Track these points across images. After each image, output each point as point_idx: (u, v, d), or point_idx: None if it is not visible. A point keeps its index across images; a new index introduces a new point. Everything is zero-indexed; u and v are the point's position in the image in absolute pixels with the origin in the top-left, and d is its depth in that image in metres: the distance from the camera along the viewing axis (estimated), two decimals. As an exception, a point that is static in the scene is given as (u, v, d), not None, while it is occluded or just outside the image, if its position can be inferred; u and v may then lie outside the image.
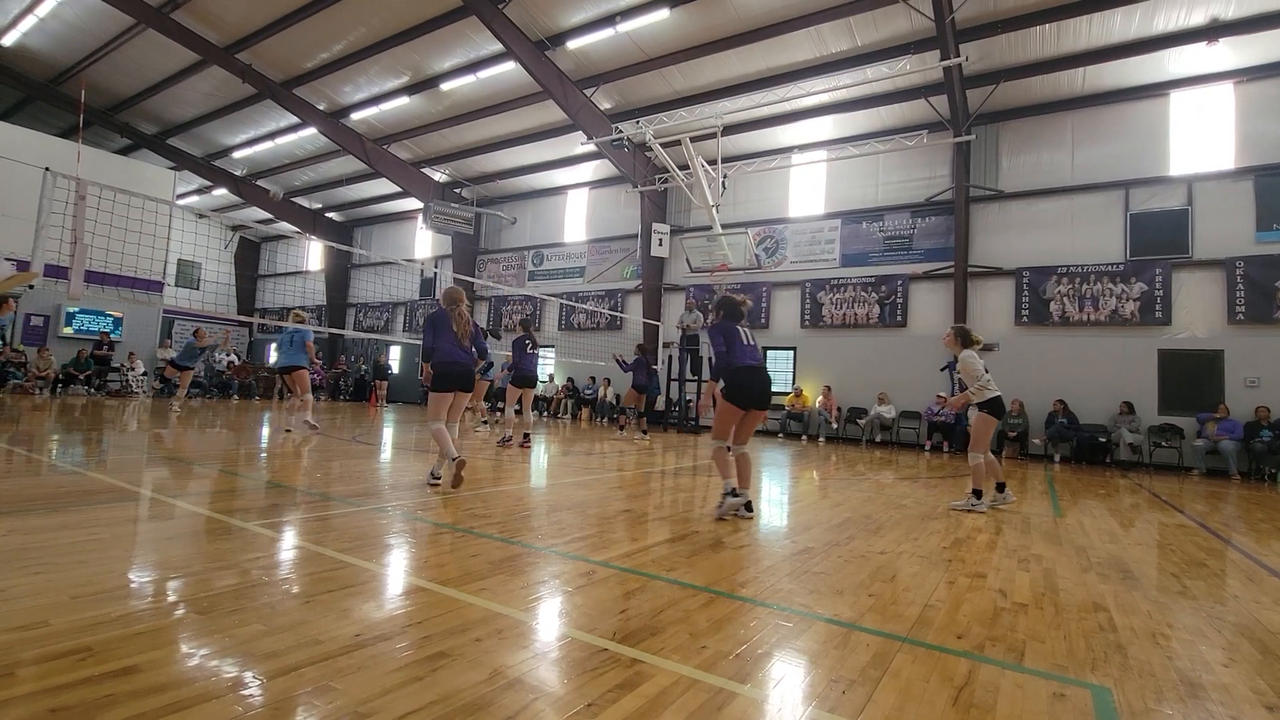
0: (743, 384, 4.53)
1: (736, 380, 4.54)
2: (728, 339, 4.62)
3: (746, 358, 4.62)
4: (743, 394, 4.52)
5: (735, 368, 4.56)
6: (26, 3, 13.79)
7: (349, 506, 4.18)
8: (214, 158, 20.68)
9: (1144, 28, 10.63)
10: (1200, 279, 11.21)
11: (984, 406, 5.47)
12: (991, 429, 5.54)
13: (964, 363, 5.52)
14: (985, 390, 5.42)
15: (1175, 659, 2.34)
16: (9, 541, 2.91)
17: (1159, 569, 3.81)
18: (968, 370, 5.50)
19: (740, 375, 4.54)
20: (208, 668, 1.81)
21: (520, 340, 8.69)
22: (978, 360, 5.48)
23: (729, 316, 4.82)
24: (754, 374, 4.58)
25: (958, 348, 5.62)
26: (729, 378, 4.56)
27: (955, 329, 5.69)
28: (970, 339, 5.63)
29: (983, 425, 5.50)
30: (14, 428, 7.70)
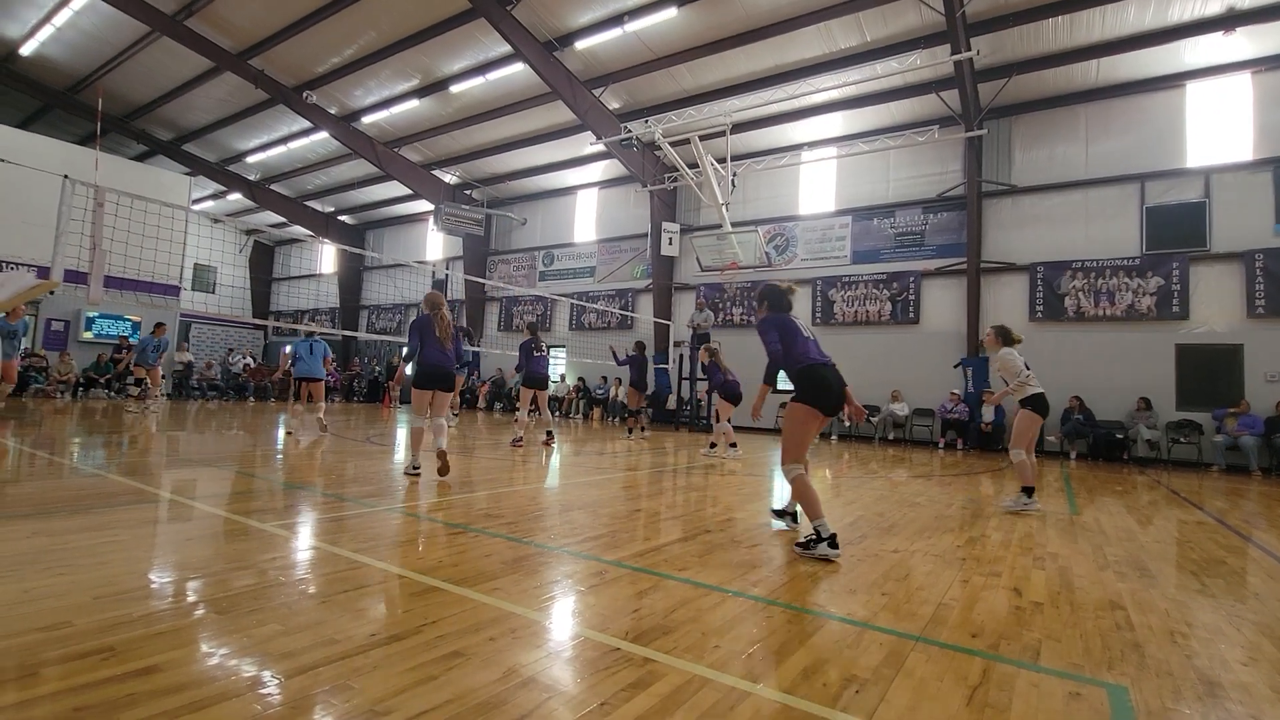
0: (819, 383, 3.73)
1: (811, 380, 3.75)
2: (784, 334, 3.91)
3: (814, 353, 3.86)
4: (825, 395, 3.72)
5: (805, 366, 3.78)
6: (44, 13, 14.03)
7: (363, 507, 4.22)
8: (228, 163, 20.92)
9: (1159, 18, 10.47)
10: (1218, 272, 11.03)
11: (1027, 403, 5.41)
12: (1035, 427, 5.49)
13: (1002, 360, 5.51)
14: (1026, 386, 5.37)
15: (1194, 658, 2.31)
16: (33, 543, 2.97)
17: (1177, 567, 3.76)
18: (1006, 367, 5.48)
19: (815, 373, 3.76)
20: (227, 667, 1.84)
21: (527, 344, 8.74)
22: (1017, 357, 5.46)
23: (775, 307, 4.13)
24: (830, 370, 3.81)
25: (998, 346, 5.60)
26: (802, 379, 3.78)
27: (996, 329, 5.65)
28: (1011, 338, 5.58)
29: (1025, 422, 5.45)
30: (36, 431, 7.84)
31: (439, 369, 5.55)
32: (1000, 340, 5.60)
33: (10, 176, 13.86)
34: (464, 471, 6.21)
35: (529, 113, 15.64)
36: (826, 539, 3.48)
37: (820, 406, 3.73)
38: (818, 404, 3.72)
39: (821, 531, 3.52)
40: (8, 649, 1.86)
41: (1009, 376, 5.47)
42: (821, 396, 3.72)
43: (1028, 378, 5.38)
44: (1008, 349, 5.53)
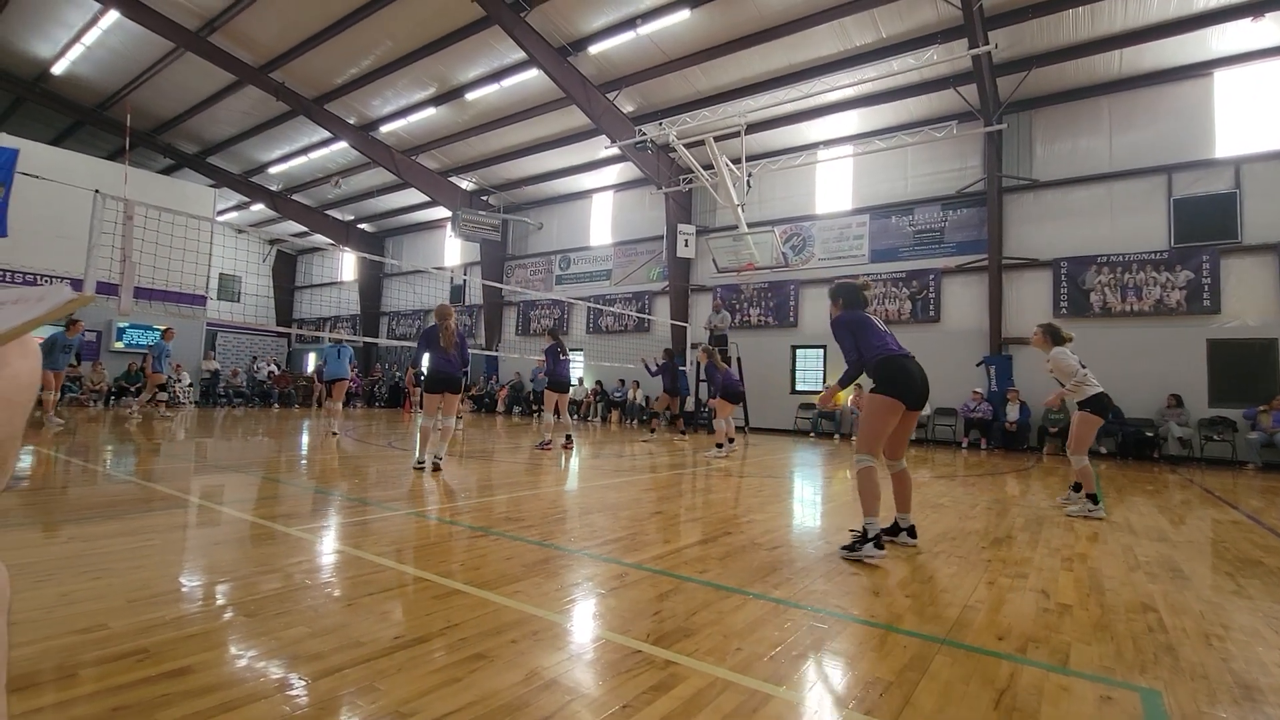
0: (899, 373, 3.58)
1: (890, 370, 3.59)
2: (858, 331, 3.71)
3: (892, 345, 3.71)
4: (907, 386, 3.57)
5: (885, 356, 3.62)
6: (74, 32, 14.45)
7: (387, 511, 4.27)
8: (251, 174, 21.35)
9: (1183, 6, 10.23)
10: (1250, 265, 10.74)
11: (1086, 405, 5.19)
12: (1095, 429, 5.25)
13: (1055, 360, 5.29)
14: (1084, 387, 5.14)
15: (1230, 661, 2.25)
16: (70, 548, 3.06)
17: (1212, 568, 3.66)
18: (1061, 367, 5.25)
19: (894, 363, 3.60)
20: (256, 669, 1.87)
21: (553, 348, 8.89)
22: (1070, 356, 5.24)
23: (851, 304, 3.93)
24: (911, 362, 3.66)
25: (1048, 346, 5.36)
26: (881, 369, 3.62)
27: (1044, 328, 5.41)
28: (1061, 336, 5.35)
29: (1086, 425, 5.23)
30: (71, 439, 8.06)
31: (444, 373, 6.16)
32: (1050, 339, 5.36)
33: (44, 192, 14.29)
34: (485, 475, 6.27)
35: (544, 118, 15.75)
36: (873, 539, 3.36)
37: (902, 397, 3.56)
38: (898, 394, 3.55)
39: (869, 531, 3.38)
40: (47, 651, 1.92)
41: (1064, 376, 5.24)
42: (902, 387, 3.56)
43: (1085, 376, 5.14)
44: (1059, 348, 5.30)
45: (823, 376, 14.82)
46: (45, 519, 3.70)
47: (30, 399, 0.88)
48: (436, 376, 6.17)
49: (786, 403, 15.06)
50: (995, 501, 5.77)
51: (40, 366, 0.89)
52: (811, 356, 15.17)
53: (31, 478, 5.09)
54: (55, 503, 4.18)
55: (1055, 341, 5.34)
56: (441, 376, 6.17)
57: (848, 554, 3.41)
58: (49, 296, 0.75)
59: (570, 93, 13.53)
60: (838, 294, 4.03)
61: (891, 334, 3.85)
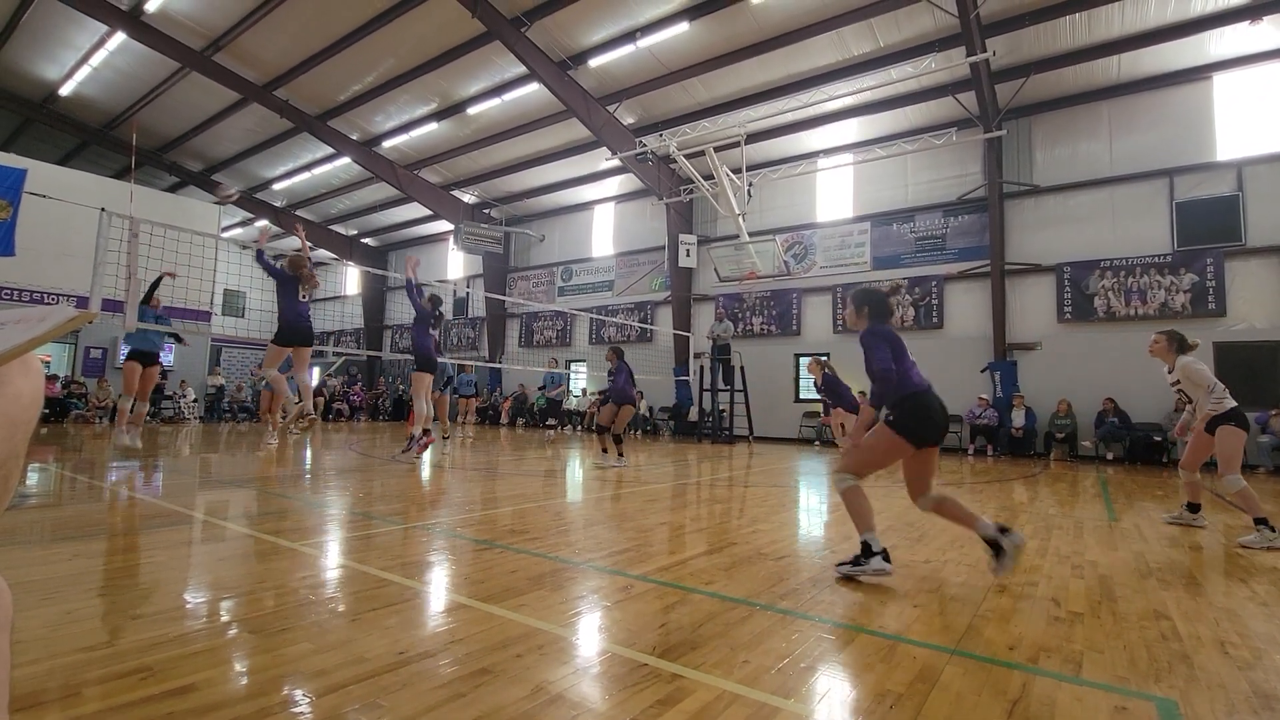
0: (923, 413, 3.22)
1: (916, 410, 3.23)
2: (895, 350, 3.32)
3: (917, 378, 3.33)
4: (926, 426, 3.22)
5: (910, 394, 3.24)
6: (81, 54, 14.66)
7: (390, 525, 4.26)
8: (255, 190, 21.54)
9: (1181, 10, 10.28)
10: (1256, 267, 10.71)
11: (1228, 419, 4.54)
12: (1242, 444, 4.59)
13: (1187, 371, 4.61)
14: (1224, 400, 4.55)
15: (1247, 669, 2.21)
16: (75, 565, 3.06)
17: (1225, 574, 3.61)
18: (1195, 380, 4.58)
19: (920, 401, 3.24)
20: (260, 686, 1.86)
21: (424, 314, 8.06)
22: (1204, 367, 4.63)
23: (878, 316, 3.50)
24: (934, 398, 3.30)
25: (1172, 357, 4.72)
26: (904, 406, 3.23)
27: (1167, 334, 4.75)
28: (1187, 344, 4.70)
29: (1234, 440, 4.54)
30: (76, 456, 8.08)
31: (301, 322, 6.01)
32: (1175, 348, 4.71)
33: (51, 212, 14.41)
34: (489, 488, 6.25)
35: (545, 131, 15.87)
36: (879, 553, 3.14)
37: (917, 442, 3.19)
38: (914, 438, 3.18)
39: (873, 545, 3.16)
40: (52, 669, 1.91)
41: (1197, 390, 4.58)
42: (923, 430, 3.20)
43: (1223, 390, 4.56)
44: (1188, 358, 4.66)
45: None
46: (50, 536, 3.70)
47: (33, 418, 0.88)
48: (292, 327, 6.10)
49: (790, 411, 15.02)
50: (1003, 508, 5.73)
51: (43, 385, 0.89)
52: (815, 364, 15.13)
53: (36, 495, 5.10)
54: (60, 520, 4.18)
55: (1181, 349, 4.73)
56: (298, 327, 6.02)
57: (850, 570, 3.17)
58: (50, 316, 0.75)
59: (571, 106, 13.64)
60: (864, 302, 3.52)
61: (913, 360, 3.43)
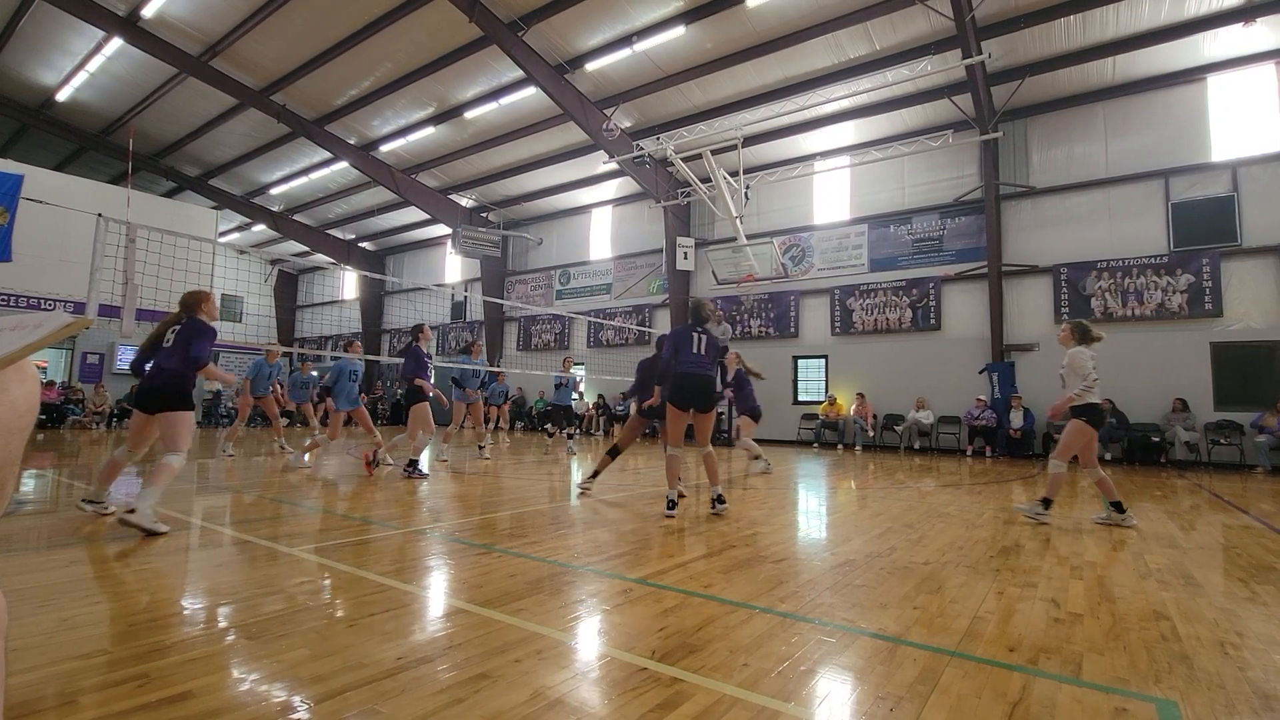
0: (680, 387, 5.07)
1: (673, 384, 5.11)
2: (678, 343, 5.17)
3: (685, 363, 5.11)
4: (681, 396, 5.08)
5: (677, 373, 5.08)
6: (78, 60, 14.65)
7: (389, 529, 4.25)
8: (252, 195, 21.52)
9: (1175, 12, 10.33)
10: (1252, 267, 10.74)
11: (1081, 413, 4.96)
12: (1084, 439, 5.02)
13: (1072, 359, 5.02)
14: (1088, 394, 4.92)
15: (1247, 670, 2.21)
16: (71, 572, 3.04)
17: (1224, 574, 3.62)
18: (1076, 367, 4.98)
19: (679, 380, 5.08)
20: (258, 692, 1.85)
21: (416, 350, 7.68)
22: (1088, 359, 4.98)
23: (694, 320, 5.34)
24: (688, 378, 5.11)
25: (1073, 343, 5.11)
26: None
27: (1074, 324, 5.18)
28: (1090, 335, 5.09)
29: (1077, 434, 5.00)
30: (74, 462, 8.05)
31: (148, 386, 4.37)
32: (1076, 337, 5.11)
33: (47, 217, 14.39)
34: (488, 491, 6.23)
35: (542, 135, 15.88)
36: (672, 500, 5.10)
37: (681, 406, 5.19)
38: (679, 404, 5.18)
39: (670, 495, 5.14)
40: (48, 677, 1.90)
41: (1073, 378, 4.99)
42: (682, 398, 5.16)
43: (1093, 384, 4.92)
44: (1081, 348, 5.04)
45: (824, 386, 14.78)
46: (46, 543, 3.68)
47: (28, 425, 0.87)
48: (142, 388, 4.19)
49: (789, 414, 15.02)
50: (1002, 510, 5.73)
51: (38, 392, 0.89)
52: (813, 367, 15.15)
53: (32, 501, 5.08)
54: (57, 527, 4.17)
55: (1082, 340, 5.11)
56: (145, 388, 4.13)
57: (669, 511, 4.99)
58: (47, 322, 0.75)
59: (568, 109, 13.66)
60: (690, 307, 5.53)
61: (700, 352, 5.29)
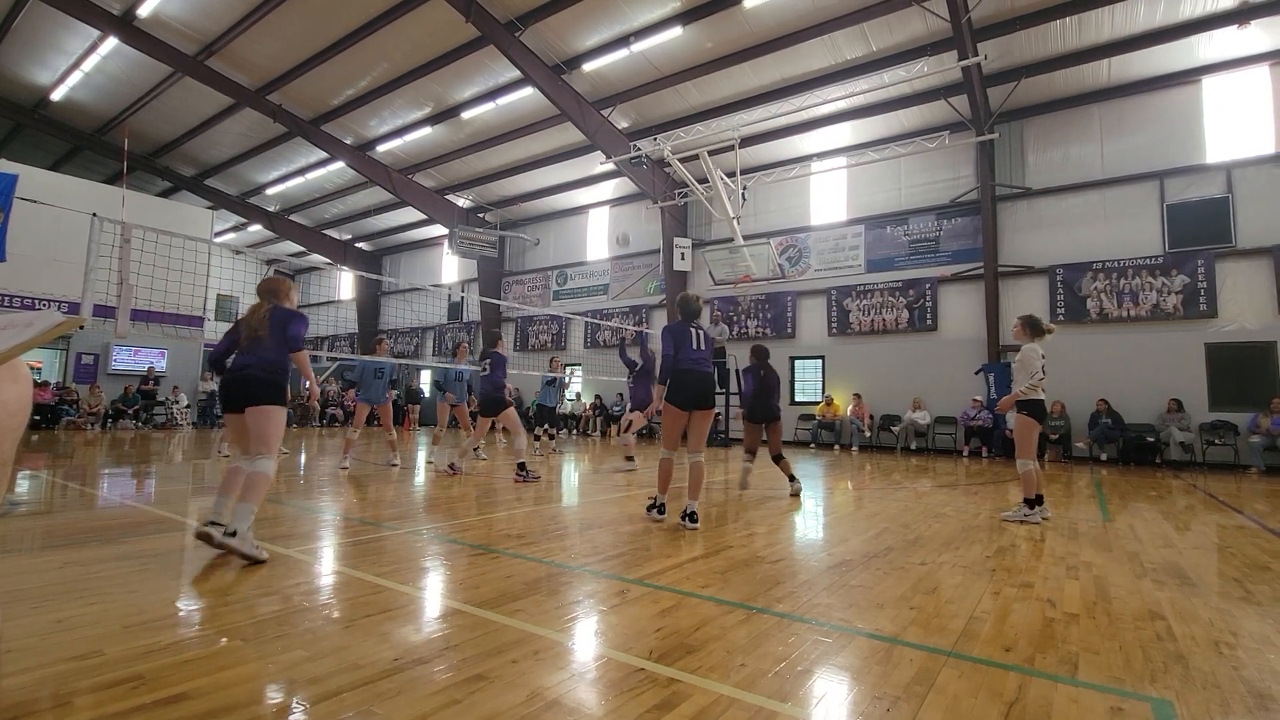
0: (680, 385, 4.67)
1: (672, 381, 4.71)
2: (677, 339, 4.77)
3: (686, 360, 4.76)
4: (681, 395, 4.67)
5: (674, 370, 4.72)
6: (73, 59, 14.59)
7: (385, 530, 4.24)
8: (248, 195, 21.46)
9: (1169, 15, 10.37)
10: (1246, 268, 10.79)
11: (1024, 408, 5.08)
12: (1035, 433, 5.12)
13: (1024, 356, 5.10)
14: (1033, 391, 5.05)
15: (1241, 669, 2.22)
16: (66, 573, 3.03)
17: (1219, 574, 3.63)
18: (1026, 364, 5.07)
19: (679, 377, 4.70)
20: (253, 694, 1.84)
21: (500, 358, 7.45)
22: (1038, 357, 5.07)
23: (686, 316, 4.97)
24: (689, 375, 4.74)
25: (1026, 337, 5.19)
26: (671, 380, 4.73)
27: (1024, 319, 5.24)
28: (1041, 329, 5.17)
29: (1025, 430, 5.11)
30: (68, 463, 8.02)
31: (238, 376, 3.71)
32: (1029, 332, 5.19)
33: (42, 217, 14.33)
34: (484, 491, 6.22)
35: (539, 135, 15.86)
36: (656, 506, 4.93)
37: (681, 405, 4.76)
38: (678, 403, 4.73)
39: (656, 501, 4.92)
40: (42, 679, 1.89)
41: (1022, 374, 5.10)
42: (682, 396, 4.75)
43: (1040, 380, 5.05)
44: (1032, 345, 5.13)
45: (821, 386, 14.80)
46: (40, 544, 3.67)
47: (20, 424, 0.87)
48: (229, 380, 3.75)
49: (786, 414, 14.95)
50: (998, 510, 5.74)
51: (30, 392, 0.88)
52: (810, 367, 15.16)
53: (26, 502, 5.05)
54: (51, 528, 4.15)
55: (1034, 334, 5.19)
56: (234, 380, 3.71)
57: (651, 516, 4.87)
58: (38, 322, 0.75)
59: (565, 110, 13.65)
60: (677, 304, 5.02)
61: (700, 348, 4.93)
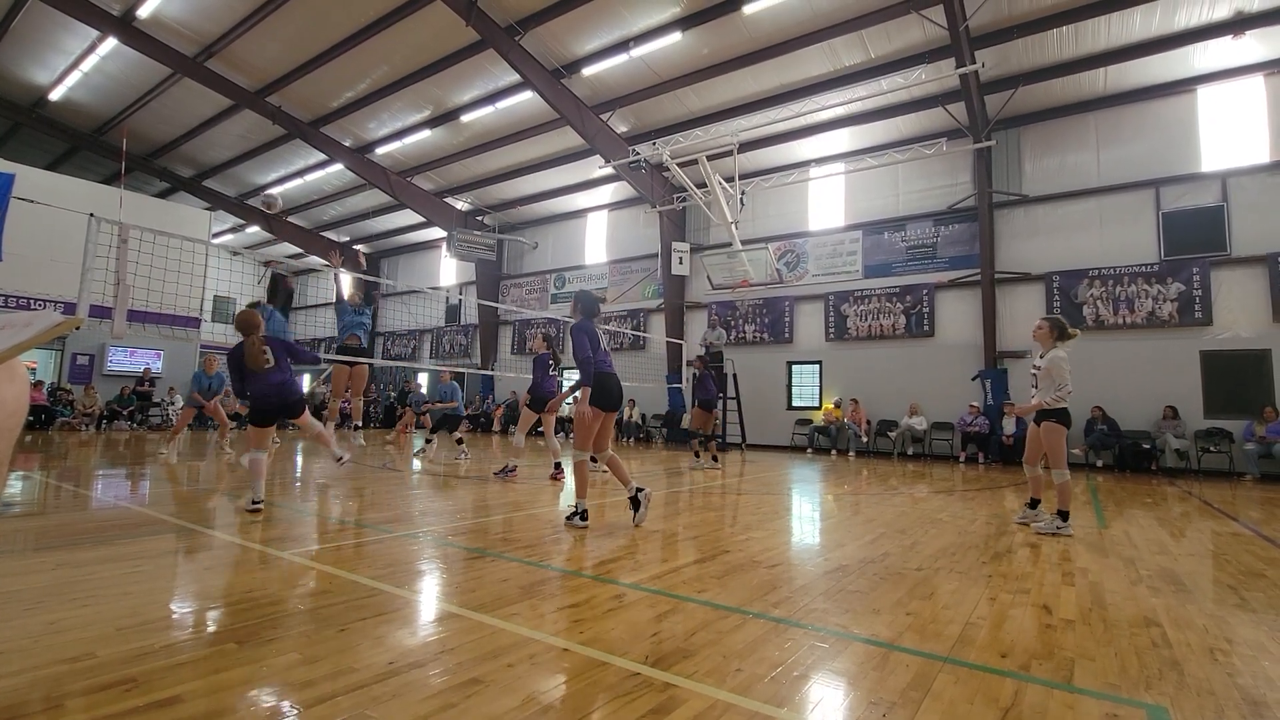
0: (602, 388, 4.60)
1: (595, 385, 4.61)
2: (592, 341, 4.63)
3: (603, 363, 4.71)
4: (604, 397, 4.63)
5: (601, 374, 4.62)
6: (72, 59, 14.58)
7: (381, 533, 4.23)
8: (246, 197, 21.43)
9: (1165, 24, 10.45)
10: (1241, 277, 10.85)
11: (1054, 416, 4.89)
12: (1064, 439, 4.93)
13: (1053, 362, 4.85)
14: (1062, 400, 4.84)
15: (1236, 676, 2.23)
16: (58, 575, 3.01)
17: (1214, 581, 3.64)
18: (1056, 372, 4.83)
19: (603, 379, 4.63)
20: (247, 698, 1.84)
21: (544, 358, 7.83)
22: (1068, 368, 4.85)
23: (589, 314, 4.81)
24: (609, 378, 4.70)
25: (1051, 342, 4.93)
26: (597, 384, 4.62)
27: (1050, 320, 4.99)
28: (1067, 332, 4.92)
29: (1058, 438, 4.89)
30: (62, 464, 7.98)
31: (267, 400, 4.89)
32: (1055, 335, 4.93)
33: (39, 217, 14.30)
34: (480, 495, 6.21)
35: (538, 139, 15.90)
36: (579, 511, 4.62)
37: (602, 407, 4.66)
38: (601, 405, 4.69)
39: (579, 506, 4.63)
40: (34, 681, 1.88)
41: (1049, 382, 4.85)
42: (602, 399, 4.66)
43: (1067, 394, 4.83)
44: (1059, 351, 4.90)
45: (819, 391, 14.82)
46: (33, 546, 3.64)
47: (17, 424, 0.87)
48: (258, 405, 4.91)
49: (783, 419, 15.04)
50: (994, 516, 5.75)
51: (28, 392, 0.88)
52: (807, 372, 15.18)
53: (20, 503, 5.03)
54: (44, 529, 4.12)
55: (1061, 337, 4.95)
56: (263, 404, 4.89)
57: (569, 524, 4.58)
58: (36, 322, 0.74)
59: (564, 114, 13.68)
60: (578, 300, 4.89)
61: (606, 350, 4.88)
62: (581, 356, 4.54)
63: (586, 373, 4.56)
